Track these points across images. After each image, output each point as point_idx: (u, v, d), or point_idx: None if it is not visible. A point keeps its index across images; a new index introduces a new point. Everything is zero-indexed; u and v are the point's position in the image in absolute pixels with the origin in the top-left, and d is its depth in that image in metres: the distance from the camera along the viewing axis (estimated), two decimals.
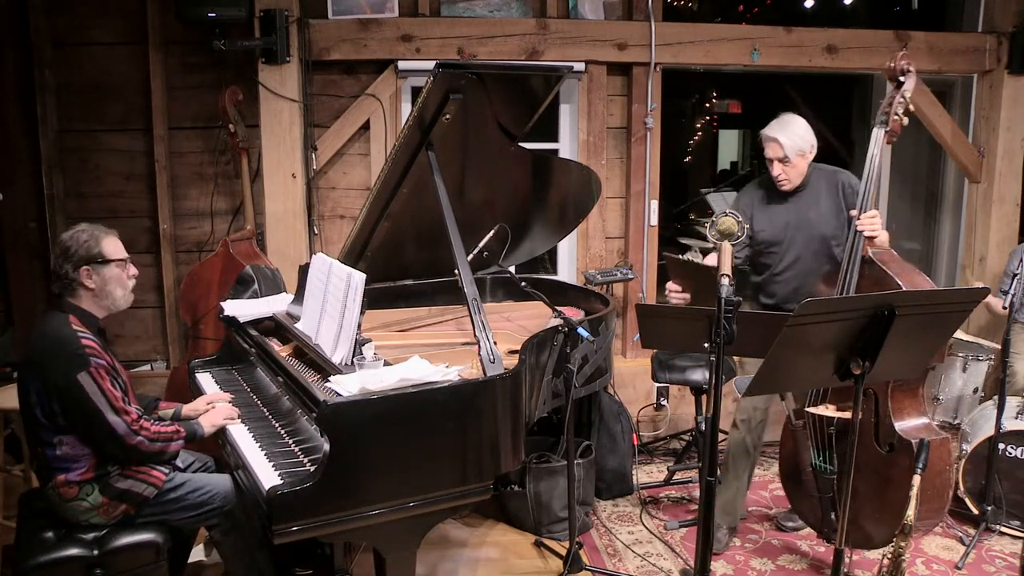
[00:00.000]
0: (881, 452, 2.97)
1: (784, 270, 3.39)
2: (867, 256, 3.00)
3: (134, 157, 4.44)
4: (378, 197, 3.07)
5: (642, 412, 4.63)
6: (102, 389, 2.39)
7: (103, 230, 2.57)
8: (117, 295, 2.59)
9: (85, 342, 2.42)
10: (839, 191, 3.34)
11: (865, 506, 2.99)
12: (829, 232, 3.33)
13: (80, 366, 2.37)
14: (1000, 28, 4.65)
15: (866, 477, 2.98)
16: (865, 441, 2.97)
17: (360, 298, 2.53)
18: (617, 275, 4.50)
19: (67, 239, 2.52)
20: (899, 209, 5.56)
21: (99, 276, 2.53)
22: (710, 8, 6.27)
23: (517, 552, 3.48)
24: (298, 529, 2.13)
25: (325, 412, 2.16)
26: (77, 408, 2.38)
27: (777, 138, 3.24)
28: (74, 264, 2.49)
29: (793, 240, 3.36)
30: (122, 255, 2.60)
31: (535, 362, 2.78)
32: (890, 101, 3.04)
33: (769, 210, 3.40)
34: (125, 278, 2.61)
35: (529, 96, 3.10)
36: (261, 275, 3.77)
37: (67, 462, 2.43)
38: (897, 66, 3.04)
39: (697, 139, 9.88)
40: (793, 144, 3.24)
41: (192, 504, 2.55)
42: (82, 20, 4.30)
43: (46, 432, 2.43)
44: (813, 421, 3.06)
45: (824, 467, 3.05)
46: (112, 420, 2.39)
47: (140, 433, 2.43)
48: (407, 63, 4.27)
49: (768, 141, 3.28)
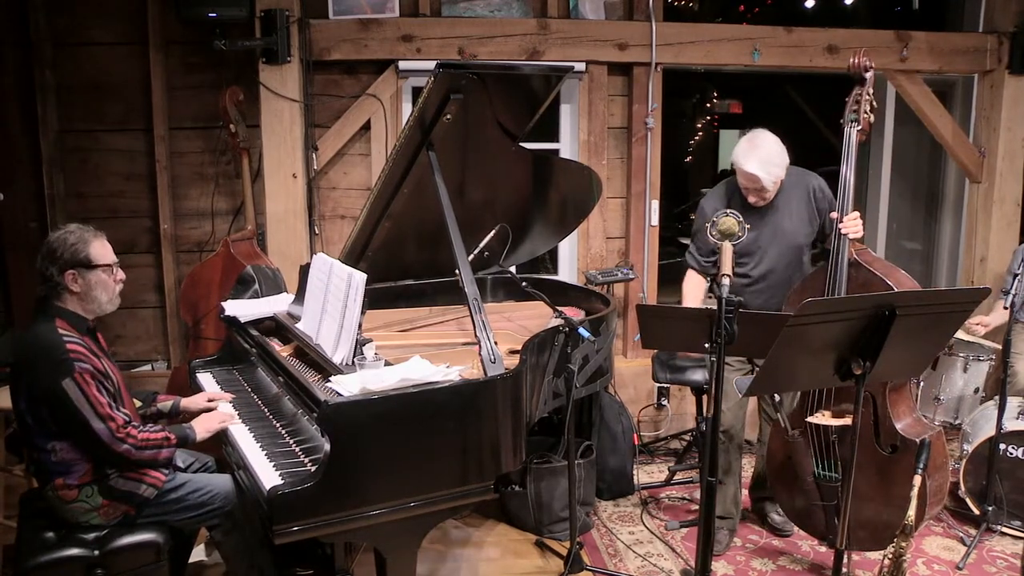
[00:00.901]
0: (883, 453, 2.97)
1: (757, 280, 3.32)
2: (852, 259, 2.99)
3: (135, 157, 4.44)
4: (379, 197, 3.07)
5: (643, 412, 4.63)
6: (87, 395, 2.34)
7: (92, 233, 2.51)
8: (102, 300, 2.52)
9: (71, 347, 2.36)
10: (811, 196, 3.28)
11: (871, 508, 3.00)
12: (803, 241, 3.29)
13: (65, 372, 2.32)
14: (1001, 28, 4.65)
15: (870, 479, 2.98)
16: (867, 444, 2.97)
17: (361, 298, 2.53)
18: (618, 275, 4.50)
19: (53, 241, 2.46)
20: (900, 209, 5.56)
21: (84, 280, 2.47)
22: (711, 8, 6.28)
23: (518, 552, 3.47)
24: (299, 529, 2.13)
25: (326, 412, 2.16)
26: (63, 414, 2.35)
27: (757, 175, 3.11)
28: (59, 267, 2.43)
29: (767, 251, 3.28)
30: (109, 260, 2.53)
31: (536, 362, 2.78)
32: (857, 99, 3.04)
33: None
34: (111, 283, 2.54)
35: (530, 96, 3.10)
36: (262, 275, 3.77)
37: (64, 466, 2.41)
38: (860, 63, 3.03)
39: (698, 139, 9.89)
40: (771, 176, 3.13)
41: (193, 504, 2.54)
42: (83, 20, 4.30)
43: (39, 438, 2.41)
44: (813, 431, 3.06)
45: (828, 475, 3.05)
46: (97, 427, 2.35)
47: (126, 440, 2.39)
48: (408, 63, 4.27)
49: (746, 176, 3.15)
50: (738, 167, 3.18)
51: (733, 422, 3.35)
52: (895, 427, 2.96)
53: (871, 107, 3.05)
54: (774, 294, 3.27)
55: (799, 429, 3.09)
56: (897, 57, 4.55)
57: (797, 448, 3.13)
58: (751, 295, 3.30)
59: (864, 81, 3.04)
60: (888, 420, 2.97)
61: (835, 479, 3.03)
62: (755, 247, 3.27)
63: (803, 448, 3.11)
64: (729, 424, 3.33)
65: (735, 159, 3.19)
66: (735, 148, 3.22)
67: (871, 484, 2.98)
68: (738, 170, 3.19)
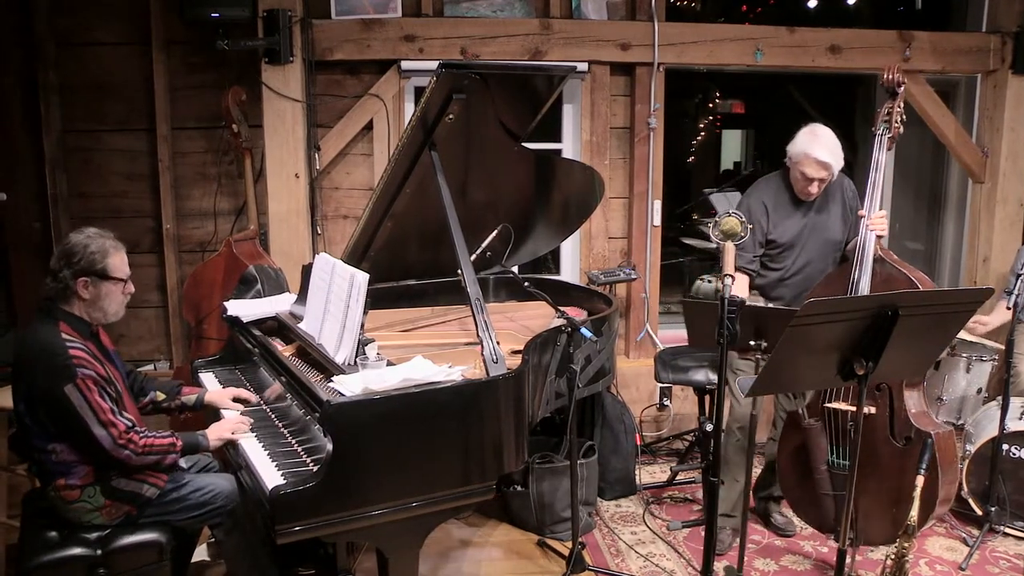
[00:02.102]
0: (897, 446, 2.98)
1: (795, 273, 3.39)
2: (878, 255, 3.06)
3: (137, 157, 4.45)
4: (381, 197, 3.07)
5: (645, 412, 4.62)
6: (88, 401, 2.33)
7: (113, 244, 2.49)
8: (109, 311, 2.51)
9: (73, 352, 2.35)
10: (844, 195, 3.41)
11: (883, 501, 3.01)
12: (839, 237, 3.39)
13: (67, 378, 2.31)
14: (1004, 28, 4.64)
15: (882, 472, 3.00)
16: (881, 436, 3.00)
17: (363, 298, 2.54)
18: (620, 275, 4.50)
19: (73, 244, 2.44)
20: (903, 209, 5.56)
21: (96, 289, 2.45)
22: (713, 8, 6.28)
23: (520, 552, 3.47)
24: (301, 529, 2.13)
25: (328, 412, 2.16)
26: (63, 419, 2.34)
27: (829, 162, 3.20)
28: (73, 272, 2.42)
29: (807, 244, 3.36)
30: (124, 274, 2.52)
31: (538, 362, 2.78)
32: (888, 111, 3.17)
33: (786, 212, 3.38)
34: (121, 296, 2.53)
35: (532, 96, 3.10)
36: (264, 275, 3.77)
37: (65, 466, 2.41)
38: (895, 78, 3.18)
39: (700, 139, 9.88)
40: (838, 165, 3.24)
41: (195, 504, 2.54)
42: (85, 20, 4.31)
43: (39, 439, 2.40)
44: (829, 417, 3.06)
45: (842, 463, 3.06)
46: (98, 433, 2.33)
47: (127, 447, 2.37)
48: (410, 63, 4.28)
49: (818, 165, 3.22)
50: (807, 156, 3.22)
51: (748, 420, 3.35)
52: (910, 420, 2.97)
53: (901, 119, 3.19)
54: (808, 286, 3.33)
55: (816, 417, 3.12)
56: (900, 57, 4.54)
57: (812, 434, 3.13)
58: (786, 288, 3.41)
59: (896, 95, 3.18)
60: (903, 412, 2.99)
61: (846, 467, 3.02)
62: (797, 239, 3.36)
63: (819, 434, 3.12)
64: (744, 419, 3.33)
65: (802, 149, 3.24)
66: (796, 140, 3.29)
67: (884, 477, 3.00)
68: (806, 160, 3.23)
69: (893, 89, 3.18)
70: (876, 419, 3.00)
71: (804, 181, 3.27)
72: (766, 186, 3.46)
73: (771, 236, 3.37)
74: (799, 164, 3.27)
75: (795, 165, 3.29)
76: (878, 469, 3.00)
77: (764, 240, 3.36)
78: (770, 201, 3.37)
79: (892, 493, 2.99)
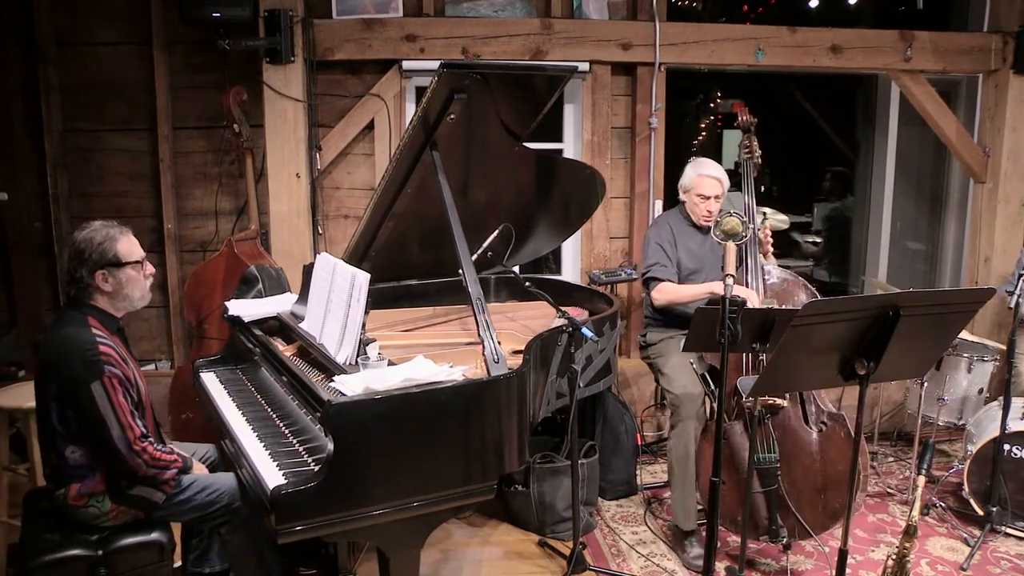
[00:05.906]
0: (814, 433, 3.15)
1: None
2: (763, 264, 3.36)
3: (138, 157, 4.45)
4: (382, 197, 3.07)
5: (646, 412, 4.62)
6: (112, 402, 2.32)
7: (118, 229, 2.49)
8: (135, 296, 2.51)
9: (103, 348, 2.35)
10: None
11: (810, 489, 3.14)
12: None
13: (95, 375, 2.31)
14: (1006, 28, 4.64)
15: (803, 463, 3.14)
16: (796, 426, 3.16)
17: (364, 298, 2.53)
18: (621, 275, 4.50)
19: (80, 241, 2.43)
20: (904, 209, 5.55)
21: (115, 279, 2.45)
22: (714, 8, 6.26)
23: (521, 552, 3.47)
24: (302, 529, 2.13)
25: (329, 412, 2.16)
26: (85, 415, 2.34)
27: (721, 177, 3.52)
28: (89, 268, 2.41)
29: (709, 267, 3.58)
30: (138, 255, 2.51)
31: (539, 362, 2.78)
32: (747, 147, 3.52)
33: (688, 241, 3.61)
34: (142, 279, 2.52)
35: (533, 96, 3.10)
36: (265, 275, 3.78)
37: (82, 470, 2.39)
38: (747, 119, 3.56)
39: (701, 139, 9.87)
40: (727, 182, 3.55)
41: (201, 504, 2.53)
42: (87, 20, 4.31)
43: (61, 441, 2.39)
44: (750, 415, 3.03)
45: (767, 457, 3.11)
46: (116, 435, 2.33)
47: (140, 455, 2.37)
48: (411, 63, 4.28)
49: (711, 180, 3.51)
50: (700, 176, 3.55)
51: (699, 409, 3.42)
52: (821, 406, 3.20)
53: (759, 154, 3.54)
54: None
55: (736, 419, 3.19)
56: (901, 57, 4.55)
57: (733, 437, 3.18)
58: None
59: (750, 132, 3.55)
60: (814, 400, 3.20)
61: (774, 460, 3.11)
62: (703, 266, 3.59)
63: (740, 435, 3.17)
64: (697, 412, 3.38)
65: (692, 173, 3.57)
66: (684, 172, 3.63)
67: (808, 467, 3.14)
68: (699, 180, 3.54)
69: (748, 127, 3.55)
70: (788, 410, 3.16)
71: (703, 202, 3.54)
72: (667, 218, 3.72)
73: (679, 261, 3.57)
74: (695, 188, 3.56)
75: (691, 192, 3.58)
76: (800, 462, 3.14)
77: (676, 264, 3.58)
78: (675, 228, 3.63)
79: (818, 480, 3.13)
